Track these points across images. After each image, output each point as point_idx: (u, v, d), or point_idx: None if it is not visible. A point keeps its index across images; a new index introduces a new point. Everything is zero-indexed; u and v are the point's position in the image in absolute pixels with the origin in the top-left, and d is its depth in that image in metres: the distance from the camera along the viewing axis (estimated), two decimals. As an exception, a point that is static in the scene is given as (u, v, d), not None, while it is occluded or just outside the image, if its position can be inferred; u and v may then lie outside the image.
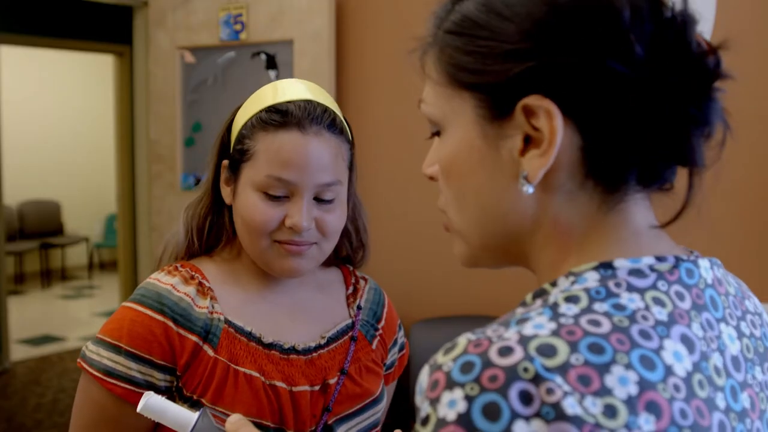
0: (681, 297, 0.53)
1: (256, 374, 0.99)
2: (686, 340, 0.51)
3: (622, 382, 0.46)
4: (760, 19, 2.20)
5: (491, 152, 0.57)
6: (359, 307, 1.15)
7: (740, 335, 0.57)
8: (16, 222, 7.42)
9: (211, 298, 1.01)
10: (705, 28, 2.18)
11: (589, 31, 0.52)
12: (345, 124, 1.05)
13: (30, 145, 7.50)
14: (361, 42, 2.87)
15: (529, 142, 0.54)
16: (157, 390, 0.95)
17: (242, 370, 0.99)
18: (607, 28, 0.52)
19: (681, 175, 0.57)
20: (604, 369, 0.46)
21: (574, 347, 0.46)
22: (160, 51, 3.10)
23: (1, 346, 4.78)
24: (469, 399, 0.44)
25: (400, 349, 1.23)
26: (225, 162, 1.05)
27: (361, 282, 1.19)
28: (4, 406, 4.17)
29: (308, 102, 1.00)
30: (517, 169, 0.55)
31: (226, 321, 1.01)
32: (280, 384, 1.00)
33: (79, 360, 0.99)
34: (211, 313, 1.00)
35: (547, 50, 0.52)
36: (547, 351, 0.46)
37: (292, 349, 1.04)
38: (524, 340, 0.47)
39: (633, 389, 0.46)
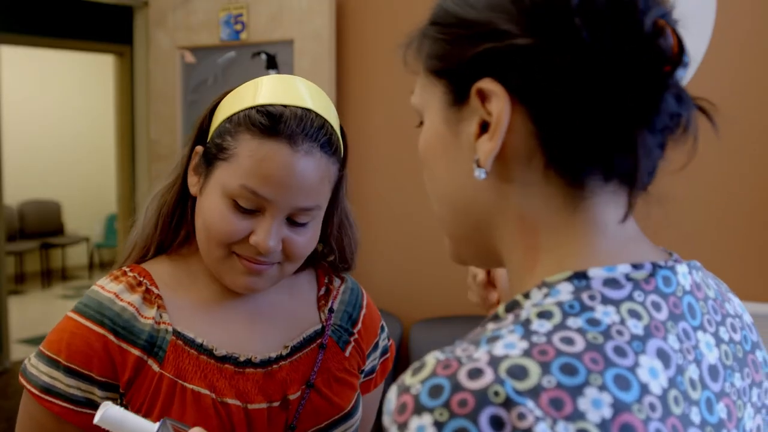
0: (657, 307, 0.52)
1: (205, 391, 0.91)
2: (662, 355, 0.50)
3: (595, 405, 0.44)
4: (759, 19, 2.20)
5: (453, 138, 0.57)
6: (331, 311, 1.04)
7: (719, 342, 0.56)
8: (16, 222, 7.42)
9: (159, 307, 0.93)
10: (705, 29, 2.18)
11: (538, 15, 0.51)
12: (341, 140, 0.95)
13: (30, 145, 7.50)
14: (361, 42, 2.87)
15: (486, 128, 0.54)
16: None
17: (190, 386, 0.90)
18: (554, 12, 0.51)
19: (660, 173, 0.55)
20: (576, 392, 0.44)
21: (546, 369, 0.45)
22: (161, 51, 3.10)
23: (2, 346, 4.79)
24: (439, 425, 0.43)
25: (383, 353, 1.12)
26: (199, 148, 0.95)
27: (336, 282, 1.08)
28: (4, 406, 4.16)
29: (306, 111, 0.89)
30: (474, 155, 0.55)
31: (175, 332, 0.92)
32: (232, 401, 0.92)
33: (20, 373, 0.94)
34: (158, 323, 0.92)
35: (499, 35, 0.52)
36: (519, 373, 0.44)
37: (248, 362, 0.94)
38: (494, 361, 0.45)
39: (607, 412, 0.44)
